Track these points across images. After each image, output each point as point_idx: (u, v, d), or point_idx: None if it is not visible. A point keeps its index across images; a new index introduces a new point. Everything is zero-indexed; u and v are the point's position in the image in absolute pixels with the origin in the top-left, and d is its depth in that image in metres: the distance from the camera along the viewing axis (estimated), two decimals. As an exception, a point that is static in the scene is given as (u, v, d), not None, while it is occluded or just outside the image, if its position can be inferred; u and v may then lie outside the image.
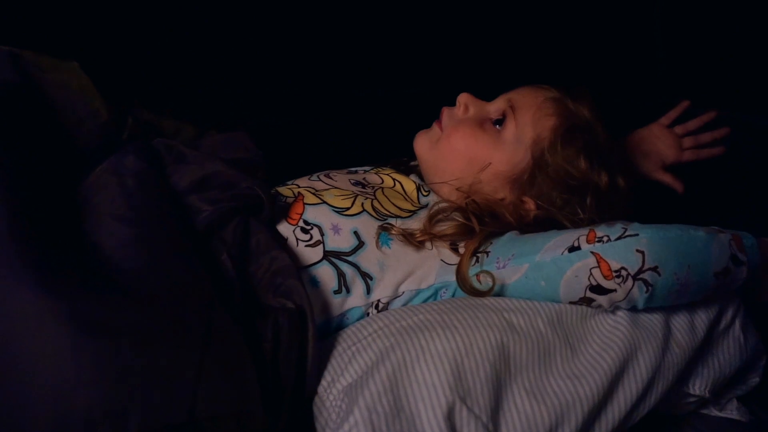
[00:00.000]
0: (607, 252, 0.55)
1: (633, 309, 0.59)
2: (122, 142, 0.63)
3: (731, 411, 0.67)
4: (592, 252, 0.56)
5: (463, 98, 0.70)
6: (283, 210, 0.61)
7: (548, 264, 0.58)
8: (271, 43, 0.94)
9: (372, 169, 0.74)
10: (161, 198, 0.52)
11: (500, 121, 0.69)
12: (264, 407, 0.43)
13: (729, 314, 0.64)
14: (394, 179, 0.71)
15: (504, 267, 0.60)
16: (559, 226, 0.65)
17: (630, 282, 0.55)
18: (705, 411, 0.67)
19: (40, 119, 0.54)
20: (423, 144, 0.72)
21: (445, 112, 0.71)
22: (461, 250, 0.63)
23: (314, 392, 0.51)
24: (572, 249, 0.57)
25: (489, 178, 0.68)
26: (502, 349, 0.53)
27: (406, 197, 0.69)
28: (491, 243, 0.63)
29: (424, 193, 0.70)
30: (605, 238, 0.56)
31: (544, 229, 0.64)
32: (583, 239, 0.57)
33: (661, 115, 0.85)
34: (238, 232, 0.53)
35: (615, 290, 0.56)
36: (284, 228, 0.60)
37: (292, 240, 0.59)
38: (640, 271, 0.55)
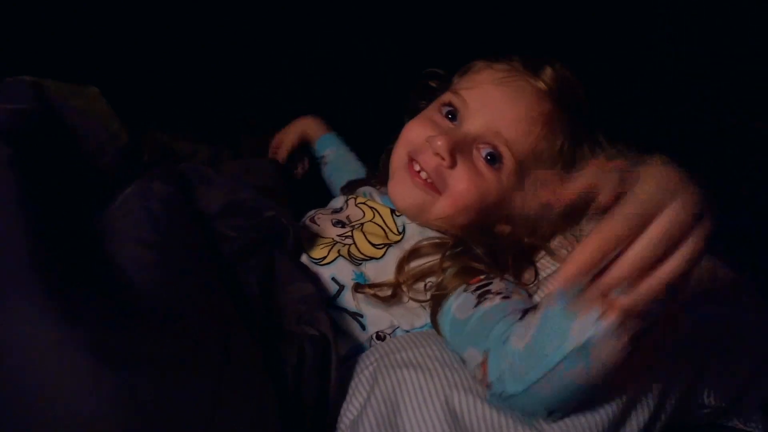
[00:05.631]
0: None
1: None
2: (142, 165, 0.64)
3: (756, 426, 0.65)
4: None
5: (442, 148, 0.60)
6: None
7: None
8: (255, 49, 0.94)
9: (351, 197, 0.71)
10: (187, 223, 0.52)
11: (494, 156, 0.62)
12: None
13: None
14: (373, 210, 0.68)
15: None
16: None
17: None
18: (729, 423, 0.66)
19: (61, 146, 0.55)
20: (411, 206, 0.64)
21: (432, 168, 0.62)
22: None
23: (334, 420, 0.51)
24: None
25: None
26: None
27: (386, 227, 0.66)
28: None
29: (398, 214, 0.67)
30: None
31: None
32: None
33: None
34: (264, 260, 0.54)
35: None
36: None
37: None
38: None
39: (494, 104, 0.62)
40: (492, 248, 0.60)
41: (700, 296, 0.57)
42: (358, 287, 0.59)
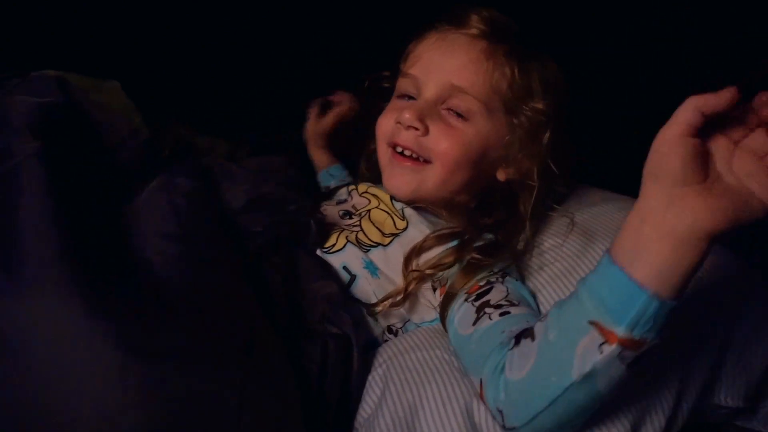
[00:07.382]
0: None
1: None
2: (163, 159, 0.64)
3: (778, 428, 0.64)
4: None
5: (410, 119, 0.63)
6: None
7: None
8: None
9: (353, 188, 0.72)
10: (211, 217, 0.53)
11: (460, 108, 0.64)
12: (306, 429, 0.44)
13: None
14: (376, 197, 0.69)
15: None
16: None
17: None
18: (748, 425, 0.65)
19: (86, 140, 0.55)
20: (410, 191, 0.65)
21: (411, 142, 0.64)
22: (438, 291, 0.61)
23: (354, 415, 0.51)
24: None
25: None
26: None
27: (391, 212, 0.67)
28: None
29: (396, 200, 0.68)
30: None
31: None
32: None
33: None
34: (287, 257, 0.54)
35: None
36: None
37: None
38: None
39: (436, 63, 0.65)
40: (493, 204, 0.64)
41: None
42: (371, 311, 0.59)
